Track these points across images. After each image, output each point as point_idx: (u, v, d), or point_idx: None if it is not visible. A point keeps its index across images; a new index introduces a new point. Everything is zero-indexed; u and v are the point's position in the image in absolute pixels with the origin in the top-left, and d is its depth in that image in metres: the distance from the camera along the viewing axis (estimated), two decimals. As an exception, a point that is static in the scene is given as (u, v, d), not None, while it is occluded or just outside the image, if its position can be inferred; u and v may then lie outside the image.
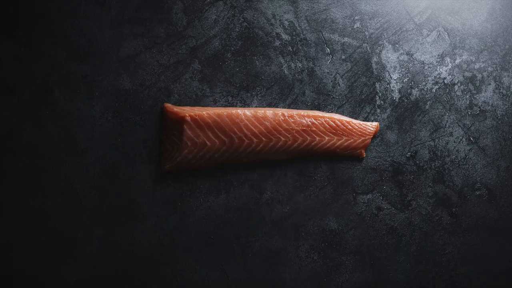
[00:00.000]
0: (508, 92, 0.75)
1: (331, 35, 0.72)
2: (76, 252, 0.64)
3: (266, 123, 0.66)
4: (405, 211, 0.71)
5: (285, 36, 0.71)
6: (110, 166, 0.65)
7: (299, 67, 0.71)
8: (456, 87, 0.74)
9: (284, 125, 0.67)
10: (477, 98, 0.74)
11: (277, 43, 0.70)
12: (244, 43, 0.70)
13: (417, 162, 0.72)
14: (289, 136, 0.67)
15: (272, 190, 0.69)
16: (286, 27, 0.71)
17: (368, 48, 0.72)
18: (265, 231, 0.68)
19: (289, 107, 0.70)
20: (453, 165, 0.73)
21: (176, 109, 0.65)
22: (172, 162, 0.65)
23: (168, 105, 0.66)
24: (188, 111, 0.65)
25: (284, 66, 0.70)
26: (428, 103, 0.73)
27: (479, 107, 0.74)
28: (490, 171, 0.74)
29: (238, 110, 0.66)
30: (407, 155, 0.72)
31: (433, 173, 0.72)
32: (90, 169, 0.64)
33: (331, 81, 0.71)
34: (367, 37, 0.72)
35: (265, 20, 0.70)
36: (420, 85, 0.73)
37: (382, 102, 0.72)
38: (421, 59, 0.73)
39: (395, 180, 0.72)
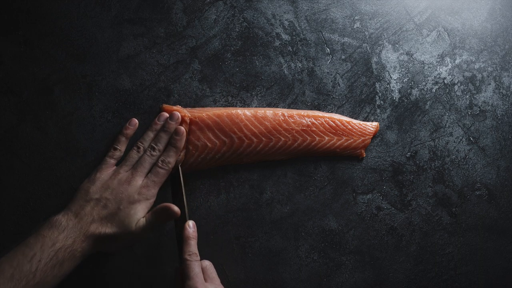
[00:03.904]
0: (508, 92, 0.75)
1: (331, 35, 0.72)
2: (76, 252, 0.64)
3: (266, 123, 0.66)
4: (405, 211, 0.71)
5: (285, 36, 0.71)
6: (110, 166, 0.65)
7: (299, 67, 0.71)
8: (456, 87, 0.74)
9: (284, 125, 0.67)
10: (477, 98, 0.74)
11: (277, 43, 0.70)
12: (244, 43, 0.70)
13: (417, 162, 0.72)
14: (289, 136, 0.67)
15: (272, 190, 0.69)
16: (286, 27, 0.71)
17: (368, 48, 0.72)
18: (265, 231, 0.69)
19: (289, 107, 0.70)
20: (453, 165, 0.73)
21: (176, 110, 0.65)
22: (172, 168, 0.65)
23: (167, 106, 0.66)
24: (187, 113, 0.65)
25: (284, 66, 0.70)
26: (428, 103, 0.73)
27: (479, 107, 0.74)
28: (490, 171, 0.74)
29: (238, 110, 0.66)
30: (407, 155, 0.72)
31: (433, 173, 0.72)
32: (90, 169, 0.64)
33: (331, 81, 0.71)
34: (367, 37, 0.72)
35: (265, 20, 0.71)
36: (420, 85, 0.73)
37: (382, 102, 0.72)
38: (421, 59, 0.73)
39: (395, 180, 0.72)
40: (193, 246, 0.60)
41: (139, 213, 0.60)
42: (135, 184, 0.60)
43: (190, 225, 0.61)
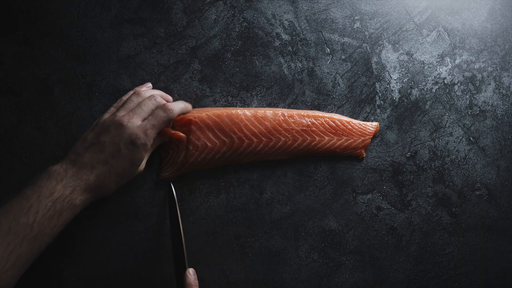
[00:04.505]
0: (508, 92, 0.75)
1: (331, 35, 0.72)
2: (76, 252, 0.64)
3: (266, 123, 0.66)
4: (405, 211, 0.71)
5: (285, 36, 0.71)
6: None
7: (299, 67, 0.71)
8: (456, 87, 0.74)
9: (284, 125, 0.67)
10: (477, 98, 0.74)
11: (277, 43, 0.70)
12: (244, 43, 0.70)
13: (417, 162, 0.72)
14: (289, 136, 0.67)
15: (272, 190, 0.69)
16: (286, 27, 0.71)
17: (368, 48, 0.72)
18: (265, 231, 0.69)
19: (289, 107, 0.70)
20: (453, 165, 0.73)
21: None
22: (172, 169, 0.65)
23: None
24: (187, 115, 0.65)
25: (284, 66, 0.70)
26: (428, 103, 0.73)
27: (479, 107, 0.74)
28: (490, 171, 0.74)
29: (238, 110, 0.66)
30: (407, 155, 0.72)
31: (433, 173, 0.72)
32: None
33: (331, 81, 0.71)
34: (367, 37, 0.72)
35: (265, 20, 0.71)
36: (420, 85, 0.73)
37: (382, 102, 0.72)
38: (421, 59, 0.73)
39: (395, 180, 0.72)
40: None
41: (137, 158, 0.57)
42: (132, 126, 0.56)
43: (191, 273, 0.59)
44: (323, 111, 0.71)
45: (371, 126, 0.70)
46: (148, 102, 0.59)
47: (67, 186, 0.53)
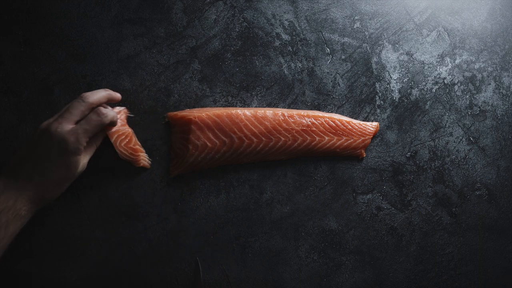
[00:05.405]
0: (508, 92, 0.75)
1: (331, 35, 0.72)
2: (76, 252, 0.64)
3: (266, 123, 0.66)
4: (405, 211, 0.71)
5: (285, 36, 0.71)
6: (110, 165, 0.65)
7: (299, 67, 0.71)
8: (456, 87, 0.74)
9: (284, 125, 0.67)
10: (477, 98, 0.74)
11: (277, 43, 0.70)
12: (244, 43, 0.70)
13: (417, 162, 0.72)
14: (289, 136, 0.67)
15: (272, 190, 0.69)
16: (286, 27, 0.71)
17: (368, 48, 0.72)
18: (265, 231, 0.69)
19: (289, 107, 0.70)
20: (453, 165, 0.73)
21: (181, 113, 0.66)
22: (175, 167, 0.66)
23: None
24: (187, 114, 0.65)
25: (284, 66, 0.70)
26: (428, 103, 0.73)
27: (479, 107, 0.74)
28: (490, 171, 0.74)
29: (238, 110, 0.66)
30: (407, 155, 0.72)
31: (433, 173, 0.72)
32: (90, 169, 0.64)
33: (331, 81, 0.71)
34: (367, 37, 0.72)
35: (265, 20, 0.70)
36: (420, 85, 0.73)
37: (382, 102, 0.72)
38: (421, 59, 0.73)
39: (395, 180, 0.72)
40: None
41: (72, 163, 0.56)
42: (61, 132, 0.55)
43: None
44: (323, 111, 0.71)
45: (371, 126, 0.70)
46: (75, 104, 0.57)
47: (9, 198, 0.53)
